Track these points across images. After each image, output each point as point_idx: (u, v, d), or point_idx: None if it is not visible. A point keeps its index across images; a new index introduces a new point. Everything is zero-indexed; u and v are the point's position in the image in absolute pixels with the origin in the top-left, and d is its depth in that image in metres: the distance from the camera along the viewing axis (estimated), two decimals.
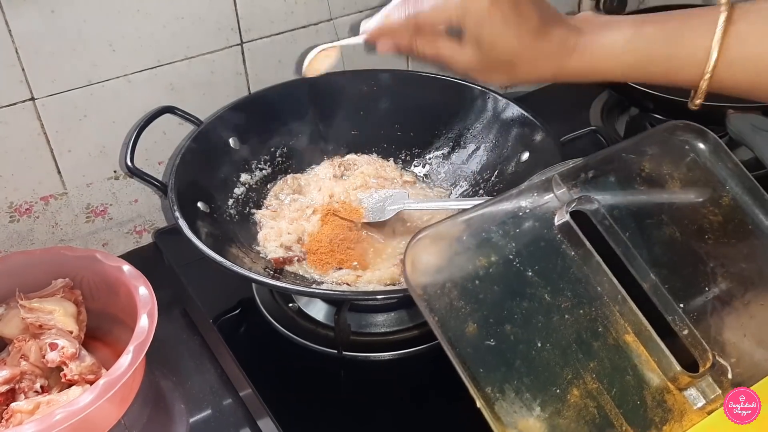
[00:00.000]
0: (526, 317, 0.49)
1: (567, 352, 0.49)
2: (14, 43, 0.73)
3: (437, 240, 0.51)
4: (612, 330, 0.50)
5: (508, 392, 0.47)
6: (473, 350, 0.47)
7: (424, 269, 0.49)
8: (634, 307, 0.50)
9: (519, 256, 0.51)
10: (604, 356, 0.50)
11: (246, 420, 0.71)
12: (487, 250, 0.51)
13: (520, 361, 0.48)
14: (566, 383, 0.48)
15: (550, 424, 0.47)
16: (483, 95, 0.87)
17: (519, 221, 0.52)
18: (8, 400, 0.65)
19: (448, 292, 0.49)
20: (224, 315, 0.78)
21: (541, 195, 0.53)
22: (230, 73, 0.89)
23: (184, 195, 0.73)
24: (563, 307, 0.50)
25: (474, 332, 0.48)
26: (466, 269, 0.50)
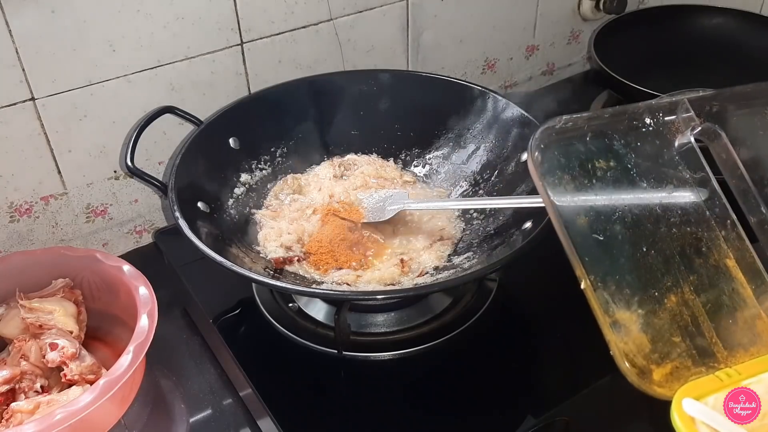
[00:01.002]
0: (635, 222, 0.52)
1: (670, 262, 0.52)
2: (14, 43, 0.73)
3: (563, 134, 0.53)
4: (715, 251, 0.53)
5: (610, 284, 0.49)
6: (582, 239, 0.50)
7: (547, 159, 0.52)
8: (742, 233, 0.53)
9: (636, 167, 0.53)
10: (704, 273, 0.52)
11: (246, 420, 0.71)
12: (608, 154, 0.53)
13: (624, 259, 0.51)
14: (665, 289, 0.51)
15: (645, 320, 0.49)
16: (483, 95, 0.87)
17: (641, 136, 0.54)
18: (8, 400, 0.65)
19: (565, 183, 0.51)
20: (224, 315, 0.78)
21: (666, 116, 0.55)
22: (230, 73, 0.89)
23: (184, 195, 0.73)
24: (672, 221, 0.53)
25: (585, 224, 0.51)
26: (585, 167, 0.52)
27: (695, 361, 0.50)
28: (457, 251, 0.80)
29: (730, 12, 1.14)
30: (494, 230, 0.80)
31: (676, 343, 0.50)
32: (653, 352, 0.49)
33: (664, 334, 0.50)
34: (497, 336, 0.76)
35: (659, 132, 0.55)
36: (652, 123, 0.55)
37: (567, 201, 0.51)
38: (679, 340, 0.50)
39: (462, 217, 0.84)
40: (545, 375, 0.73)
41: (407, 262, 0.77)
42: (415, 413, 0.69)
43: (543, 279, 0.82)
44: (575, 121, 0.54)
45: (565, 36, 1.20)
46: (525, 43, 1.16)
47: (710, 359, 0.50)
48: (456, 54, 1.08)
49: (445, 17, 1.03)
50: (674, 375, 0.49)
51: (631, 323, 0.49)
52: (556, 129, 0.53)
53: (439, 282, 0.73)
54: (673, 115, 0.55)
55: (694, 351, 0.50)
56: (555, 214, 0.50)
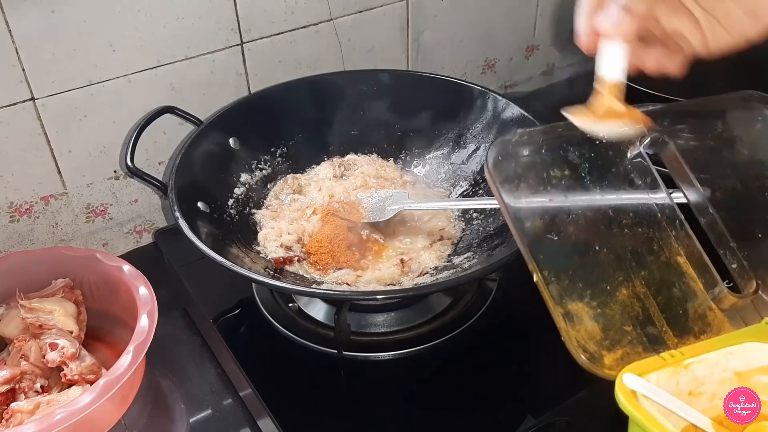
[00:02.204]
0: (589, 224, 0.55)
1: (621, 259, 0.55)
2: (14, 44, 0.73)
3: (518, 146, 0.56)
4: (666, 249, 0.56)
5: (563, 279, 0.52)
6: (537, 239, 0.53)
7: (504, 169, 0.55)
8: (690, 232, 0.56)
9: (590, 176, 0.57)
10: (655, 269, 0.55)
11: (246, 420, 0.71)
12: (562, 164, 0.57)
13: (577, 257, 0.54)
14: (617, 283, 0.54)
15: (597, 311, 0.52)
16: (483, 95, 0.87)
17: (594, 148, 0.58)
18: (8, 400, 0.65)
19: (522, 190, 0.55)
20: (224, 315, 0.78)
21: None
22: (230, 73, 0.89)
23: (185, 195, 0.73)
24: (623, 222, 0.56)
25: (539, 226, 0.54)
26: (540, 176, 0.56)
27: (645, 347, 0.52)
28: (457, 251, 0.80)
29: None
30: (494, 230, 0.80)
31: (627, 331, 0.53)
32: (604, 339, 0.52)
33: (616, 324, 0.53)
34: (497, 336, 0.76)
35: (612, 145, 0.59)
36: (605, 137, 0.58)
37: (522, 204, 0.55)
38: (630, 328, 0.53)
39: (462, 217, 0.84)
40: (545, 375, 0.73)
41: (407, 262, 0.77)
42: (415, 413, 0.69)
43: None
44: (530, 135, 0.58)
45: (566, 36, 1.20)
46: (525, 43, 1.16)
47: (661, 346, 0.53)
48: (456, 54, 1.08)
49: (445, 17, 1.03)
50: (625, 360, 0.51)
51: (583, 314, 0.52)
52: (512, 141, 0.56)
53: (439, 282, 0.73)
54: None
55: (644, 338, 0.53)
56: (509, 217, 0.54)
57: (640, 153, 0.59)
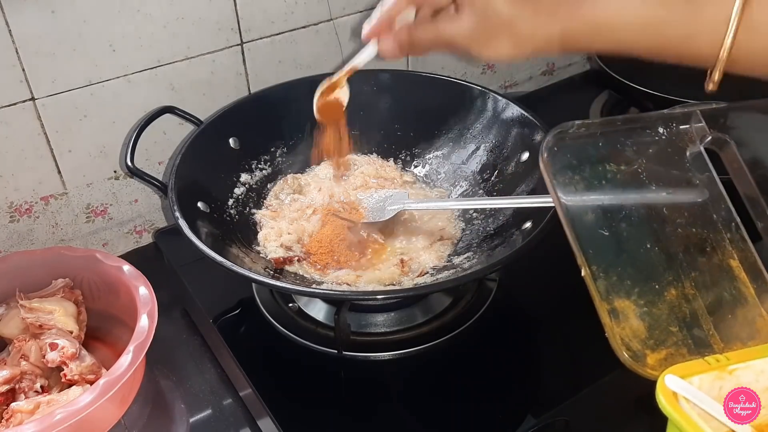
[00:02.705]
0: (642, 221, 0.54)
1: (673, 259, 0.54)
2: (14, 43, 0.73)
3: (576, 138, 0.55)
4: (719, 252, 0.55)
5: (611, 275, 0.51)
6: (587, 233, 0.52)
7: (558, 160, 0.54)
8: (746, 236, 0.55)
9: (646, 171, 0.56)
10: (706, 270, 0.54)
11: (246, 420, 0.71)
12: (619, 158, 0.55)
13: (627, 254, 0.53)
14: (666, 283, 0.53)
15: (643, 310, 0.51)
16: (483, 95, 0.87)
17: (653, 143, 0.57)
18: (8, 400, 0.65)
19: (575, 183, 0.54)
20: (224, 315, 0.78)
21: (679, 125, 0.57)
22: (230, 73, 0.89)
23: (185, 195, 0.73)
24: (678, 221, 0.55)
25: (591, 220, 0.53)
26: (596, 169, 0.55)
27: (690, 349, 0.51)
28: (457, 251, 0.80)
29: None
30: (494, 230, 0.80)
31: (673, 332, 0.52)
32: (649, 338, 0.51)
33: (662, 324, 0.52)
34: (497, 336, 0.76)
35: (671, 141, 0.57)
36: (665, 132, 0.57)
37: (575, 199, 0.53)
38: (677, 329, 0.52)
39: (462, 217, 0.84)
40: (545, 375, 0.73)
41: (407, 262, 0.77)
42: (415, 413, 0.69)
43: (543, 279, 0.82)
44: (588, 126, 0.56)
45: None
46: None
47: (706, 349, 0.52)
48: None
49: None
50: (669, 361, 0.50)
51: (629, 311, 0.51)
52: (569, 133, 0.55)
53: (439, 282, 0.73)
54: (687, 125, 0.57)
55: (690, 341, 0.52)
56: (561, 209, 0.52)
57: (700, 152, 0.57)
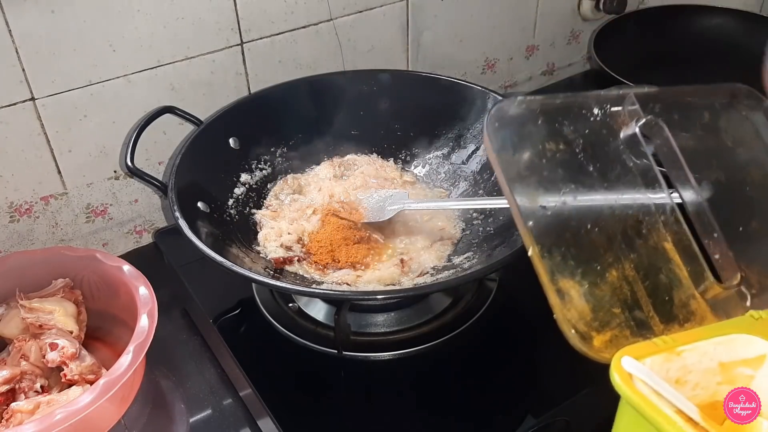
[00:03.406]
0: (581, 202, 0.55)
1: (612, 240, 0.55)
2: (14, 43, 0.73)
3: (516, 113, 0.56)
4: (654, 234, 0.56)
5: (555, 255, 0.52)
6: (530, 212, 0.53)
7: (501, 137, 0.55)
8: (681, 218, 0.56)
9: (584, 152, 0.57)
10: (644, 253, 0.55)
11: (246, 420, 0.71)
12: (557, 138, 0.56)
13: (569, 234, 0.54)
14: (607, 264, 0.54)
15: (587, 290, 0.52)
16: (483, 95, 0.87)
17: (589, 124, 0.58)
18: (8, 400, 0.65)
19: (517, 161, 0.55)
20: (224, 315, 0.78)
21: (613, 106, 0.59)
22: (230, 73, 0.89)
23: (184, 195, 0.73)
24: (615, 204, 0.56)
25: (533, 199, 0.54)
26: (536, 147, 0.56)
27: (633, 331, 0.53)
28: (457, 251, 0.80)
29: (730, 12, 1.14)
30: (494, 230, 0.80)
31: (615, 313, 0.53)
32: (594, 320, 0.52)
33: (605, 305, 0.53)
34: (497, 336, 0.76)
35: (606, 122, 0.58)
36: (600, 113, 0.58)
37: (517, 174, 0.55)
38: (619, 311, 0.53)
39: (462, 217, 0.84)
40: (545, 375, 0.73)
41: (407, 262, 0.77)
42: (415, 413, 0.69)
43: None
44: (529, 103, 0.57)
45: (565, 36, 1.20)
46: (525, 43, 1.16)
47: (647, 331, 0.53)
48: (456, 54, 1.08)
49: (445, 17, 1.03)
50: (613, 343, 0.52)
51: (574, 292, 0.52)
52: (510, 107, 0.56)
53: (439, 282, 0.73)
54: (619, 107, 0.59)
55: (632, 322, 0.53)
56: (506, 186, 0.54)
57: (634, 134, 0.58)
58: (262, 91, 0.89)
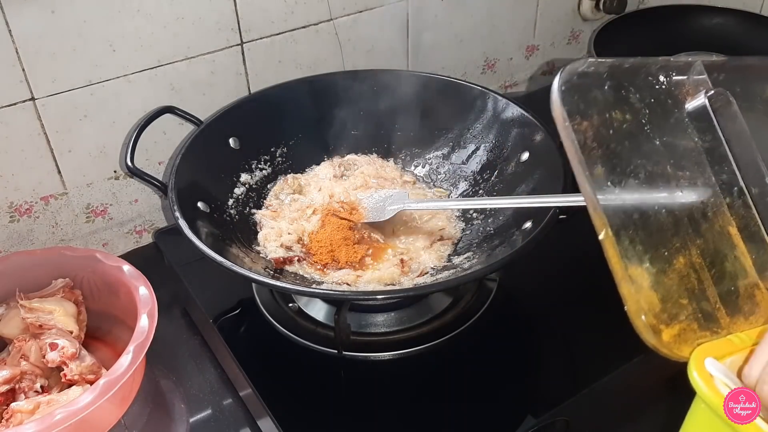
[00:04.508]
0: (649, 179, 0.51)
1: (679, 224, 0.51)
2: (14, 43, 0.73)
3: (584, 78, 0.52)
4: (720, 217, 0.53)
5: (623, 239, 0.48)
6: (598, 189, 0.49)
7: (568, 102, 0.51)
8: (749, 201, 0.53)
9: (650, 124, 0.53)
10: (710, 238, 0.52)
11: (246, 420, 0.71)
12: (624, 107, 0.53)
13: (637, 215, 0.50)
14: (674, 250, 0.51)
15: (655, 279, 0.49)
16: (483, 95, 0.87)
17: (655, 93, 0.54)
18: (8, 400, 0.65)
19: (584, 131, 0.50)
20: (224, 315, 0.78)
21: (678, 75, 0.55)
22: (230, 73, 0.89)
23: (185, 195, 0.73)
24: (681, 183, 0.52)
25: (601, 175, 0.50)
26: (603, 117, 0.51)
27: (701, 324, 0.50)
28: (457, 251, 0.80)
29: (730, 12, 1.14)
30: (494, 230, 0.80)
31: (683, 305, 0.50)
32: (663, 312, 0.49)
33: (673, 295, 0.50)
34: (497, 336, 0.76)
35: (671, 91, 0.55)
36: (665, 81, 0.55)
37: (586, 147, 0.51)
38: (687, 302, 0.50)
39: (462, 217, 0.84)
40: (545, 375, 0.73)
41: (407, 262, 0.77)
42: (415, 413, 0.69)
43: (543, 279, 0.82)
44: (597, 66, 0.53)
45: (565, 36, 1.20)
46: (525, 43, 1.16)
47: (714, 324, 0.50)
48: (456, 54, 1.08)
49: (445, 17, 1.03)
50: (681, 337, 0.49)
51: (642, 279, 0.49)
52: (578, 72, 0.52)
53: (439, 282, 0.73)
54: (685, 76, 0.55)
55: (700, 314, 0.50)
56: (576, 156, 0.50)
57: (703, 107, 0.54)
58: (262, 91, 0.89)
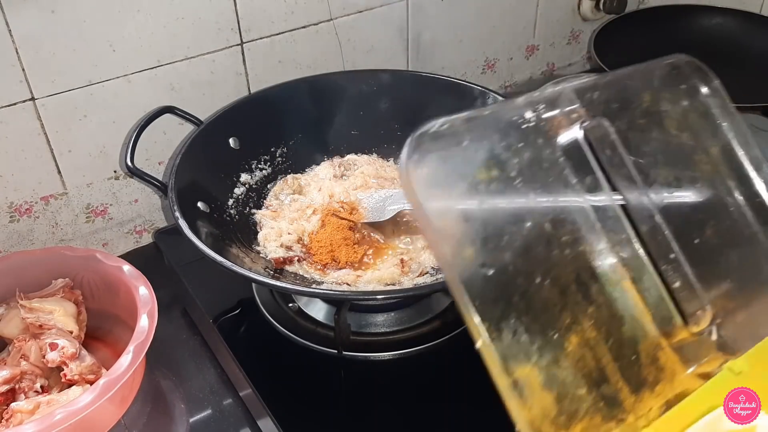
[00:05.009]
0: (526, 246, 0.43)
1: (566, 293, 0.44)
2: (14, 43, 0.73)
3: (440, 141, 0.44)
4: (610, 272, 0.46)
5: (505, 333, 0.41)
6: (470, 277, 0.42)
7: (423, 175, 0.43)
8: (639, 250, 0.46)
9: (521, 175, 0.45)
10: (602, 301, 0.45)
11: (246, 420, 0.71)
12: (489, 162, 0.44)
13: (518, 297, 0.42)
14: (564, 328, 0.43)
15: (548, 374, 0.42)
16: (483, 95, 0.87)
17: (522, 134, 0.46)
18: (8, 400, 0.65)
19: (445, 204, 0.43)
20: (224, 315, 0.78)
21: (548, 110, 0.47)
22: (230, 73, 0.89)
23: (185, 195, 0.73)
24: (563, 240, 0.45)
25: (471, 257, 0.42)
26: (465, 181, 0.44)
27: (604, 415, 0.44)
28: None
29: (730, 12, 1.14)
30: None
31: (582, 396, 0.43)
32: (560, 414, 0.42)
33: (570, 388, 0.43)
34: None
35: (540, 128, 0.46)
36: (533, 118, 0.46)
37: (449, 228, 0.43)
38: (585, 392, 0.44)
39: None
40: None
41: (407, 262, 0.77)
42: (415, 413, 0.69)
43: None
44: (452, 123, 0.45)
45: (565, 36, 1.20)
46: (525, 43, 1.16)
47: (618, 409, 0.44)
48: (456, 54, 1.08)
49: (445, 17, 1.03)
50: None
51: (533, 379, 0.42)
52: (430, 134, 0.44)
53: (439, 282, 0.73)
54: (556, 109, 0.47)
55: (601, 403, 0.44)
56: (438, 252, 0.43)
57: (575, 140, 0.46)
58: (262, 91, 0.89)
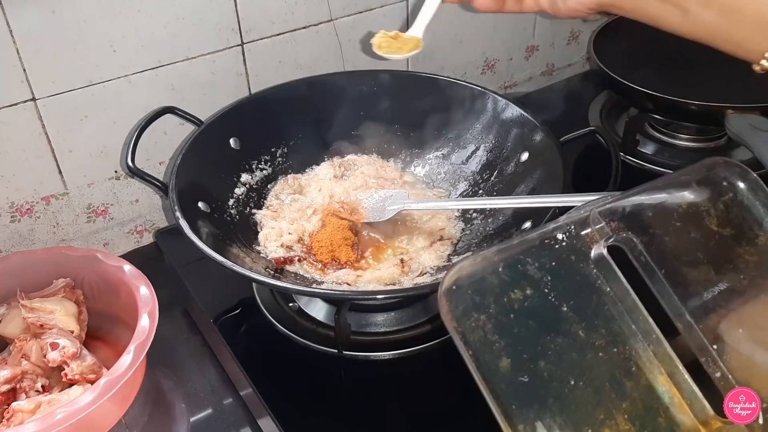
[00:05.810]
0: (560, 354, 0.49)
1: (600, 392, 0.48)
2: (15, 44, 0.73)
3: (475, 272, 0.50)
4: (645, 370, 0.50)
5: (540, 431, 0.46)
6: (506, 386, 0.47)
7: (459, 301, 0.49)
8: (669, 349, 0.50)
9: (554, 290, 0.50)
10: (636, 397, 0.49)
11: (246, 419, 0.71)
12: (522, 282, 0.50)
13: (552, 399, 0.47)
14: (599, 423, 0.47)
15: None
16: (483, 95, 0.87)
17: (554, 254, 0.51)
18: (9, 399, 0.66)
19: (482, 325, 0.48)
20: (225, 315, 0.79)
21: (578, 229, 0.52)
22: (231, 74, 0.89)
23: (185, 195, 0.73)
24: (597, 344, 0.49)
25: (507, 367, 0.48)
26: (500, 302, 0.49)
27: None
28: (457, 251, 0.80)
29: None
30: (494, 230, 0.80)
31: None
32: None
33: None
34: None
35: (573, 246, 0.52)
36: (565, 238, 0.52)
37: (486, 344, 0.48)
38: None
39: (462, 217, 0.85)
40: None
41: (407, 262, 0.78)
42: (415, 413, 0.69)
43: None
44: (485, 256, 0.50)
45: (565, 36, 1.20)
46: (525, 44, 1.16)
47: None
48: (456, 54, 1.08)
49: (445, 17, 1.03)
50: None
51: None
52: (465, 269, 0.50)
53: (439, 282, 0.73)
54: (588, 228, 0.52)
55: None
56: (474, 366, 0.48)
57: (602, 254, 0.51)
58: (262, 91, 0.89)
